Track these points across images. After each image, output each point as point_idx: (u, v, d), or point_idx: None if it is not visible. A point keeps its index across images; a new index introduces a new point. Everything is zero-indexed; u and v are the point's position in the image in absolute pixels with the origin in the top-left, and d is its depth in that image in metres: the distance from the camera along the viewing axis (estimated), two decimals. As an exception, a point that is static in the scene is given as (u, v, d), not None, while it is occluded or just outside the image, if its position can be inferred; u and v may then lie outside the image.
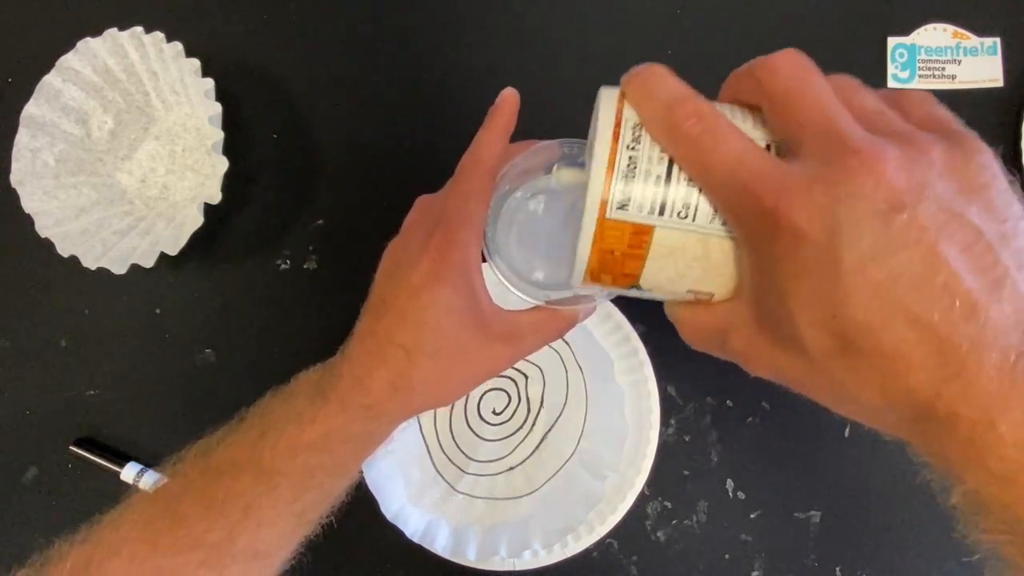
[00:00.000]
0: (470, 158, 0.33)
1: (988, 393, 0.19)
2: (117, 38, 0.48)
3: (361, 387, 0.33)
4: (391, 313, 0.33)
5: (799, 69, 0.23)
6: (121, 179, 0.51)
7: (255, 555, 0.31)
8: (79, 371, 0.50)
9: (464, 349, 0.33)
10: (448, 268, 0.32)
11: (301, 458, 0.32)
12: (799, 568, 0.46)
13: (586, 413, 0.47)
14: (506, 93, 0.34)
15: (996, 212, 0.21)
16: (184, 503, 0.31)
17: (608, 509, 0.44)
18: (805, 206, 0.21)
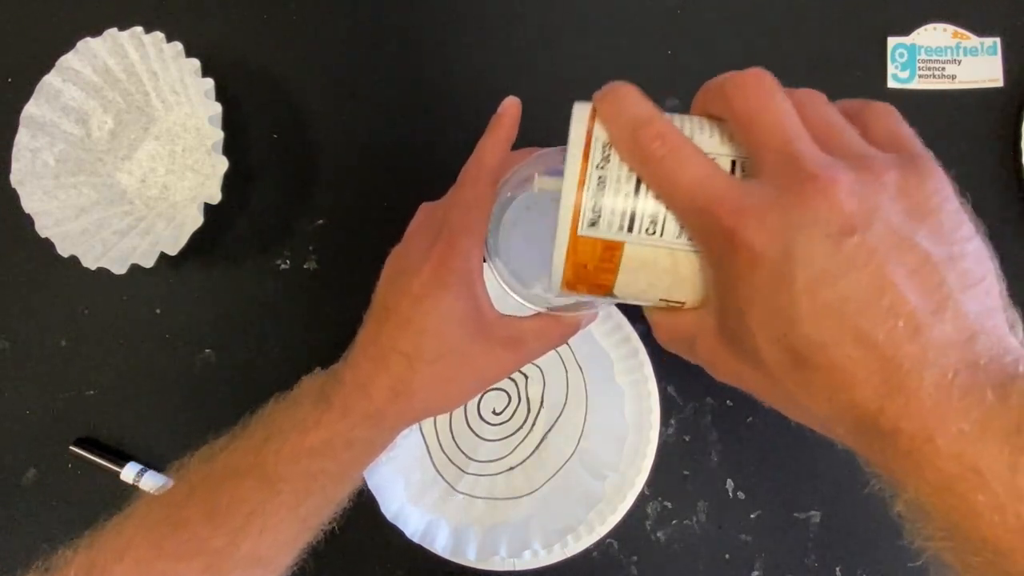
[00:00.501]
0: (472, 166, 0.33)
1: (927, 408, 0.20)
2: (117, 38, 0.48)
3: (363, 393, 0.33)
4: (393, 320, 0.33)
5: (763, 89, 0.24)
6: (121, 179, 0.51)
7: (258, 561, 0.31)
8: (79, 371, 0.50)
9: (466, 355, 0.33)
10: (450, 275, 0.32)
11: (304, 463, 0.32)
12: (799, 568, 0.46)
13: (586, 413, 0.47)
14: (508, 102, 0.34)
15: (945, 235, 0.22)
16: (188, 509, 0.31)
17: (608, 509, 0.44)
18: (761, 229, 0.22)
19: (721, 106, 0.25)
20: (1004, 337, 0.22)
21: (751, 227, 0.22)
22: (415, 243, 0.35)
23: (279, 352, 0.49)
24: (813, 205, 0.21)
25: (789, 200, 0.21)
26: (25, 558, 0.48)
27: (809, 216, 0.21)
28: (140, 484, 0.47)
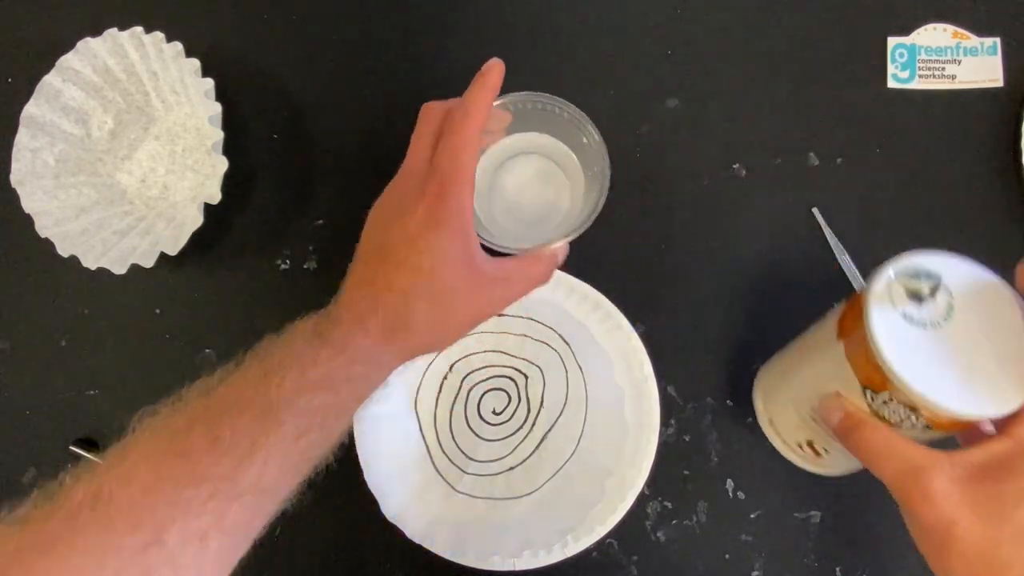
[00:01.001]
0: (459, 113, 0.35)
1: None
2: (117, 38, 0.48)
3: (361, 330, 0.34)
4: (389, 259, 0.34)
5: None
6: (121, 179, 0.51)
7: (262, 491, 0.31)
8: (79, 371, 0.50)
9: (459, 292, 0.35)
10: (444, 215, 0.34)
11: (306, 397, 0.33)
12: (799, 568, 0.46)
13: (586, 413, 0.47)
14: (492, 62, 0.37)
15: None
16: (190, 439, 0.31)
17: (608, 509, 0.44)
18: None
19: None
20: None
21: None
22: (404, 189, 0.36)
23: (279, 352, 0.49)
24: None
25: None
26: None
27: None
28: (140, 484, 0.47)
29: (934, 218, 0.48)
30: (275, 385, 0.32)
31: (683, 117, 0.50)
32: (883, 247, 0.48)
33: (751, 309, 0.48)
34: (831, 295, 0.48)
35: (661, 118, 0.50)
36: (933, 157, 0.49)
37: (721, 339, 0.48)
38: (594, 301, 0.46)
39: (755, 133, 0.49)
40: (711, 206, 0.49)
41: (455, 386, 0.48)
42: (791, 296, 0.48)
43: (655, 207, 0.49)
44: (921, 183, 0.49)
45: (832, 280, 0.48)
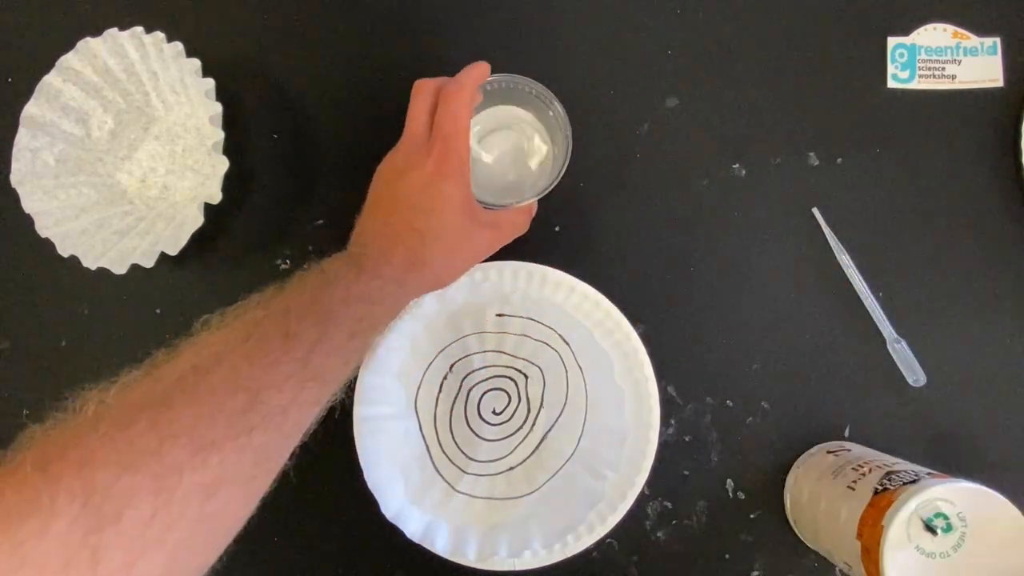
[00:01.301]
0: (454, 86, 0.41)
1: None
2: (117, 38, 0.48)
3: (386, 261, 0.39)
4: (404, 204, 0.41)
5: None
6: (121, 179, 0.51)
7: (323, 379, 0.35)
8: (79, 371, 0.50)
9: (463, 232, 0.42)
10: (449, 168, 0.40)
11: (354, 307, 0.37)
12: (799, 568, 0.46)
13: (586, 413, 0.47)
14: (481, 61, 0.43)
15: None
16: (265, 330, 0.34)
17: (608, 509, 0.44)
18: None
19: None
20: None
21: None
22: (411, 148, 0.42)
23: (279, 352, 0.49)
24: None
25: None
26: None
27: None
28: (140, 484, 0.47)
29: (934, 218, 0.48)
30: (327, 296, 0.36)
31: (683, 117, 0.50)
32: (883, 247, 0.49)
33: (751, 309, 0.48)
34: (831, 295, 0.48)
35: (661, 118, 0.50)
36: (933, 157, 0.49)
37: (721, 339, 0.48)
38: (594, 301, 0.46)
39: (755, 133, 0.49)
40: (711, 206, 0.49)
41: (455, 386, 0.48)
42: (791, 296, 0.48)
43: (655, 207, 0.49)
44: (921, 183, 0.49)
45: (832, 280, 0.48)
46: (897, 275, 0.48)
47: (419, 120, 0.43)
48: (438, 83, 0.43)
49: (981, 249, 0.48)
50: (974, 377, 0.47)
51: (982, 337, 0.47)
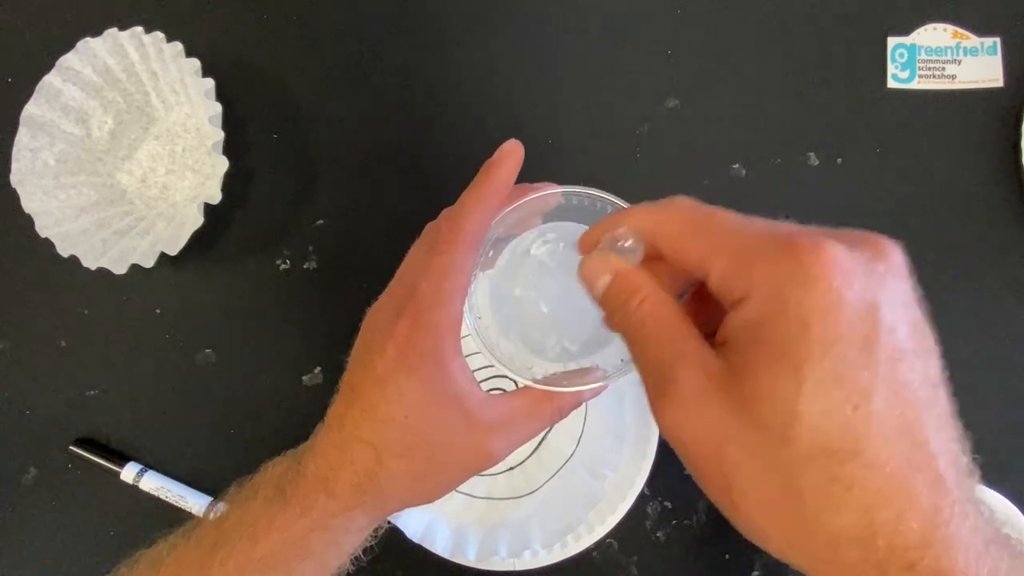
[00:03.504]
0: (449, 226, 0.29)
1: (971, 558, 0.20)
2: (117, 38, 0.48)
3: (325, 488, 0.29)
4: (358, 404, 0.29)
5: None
6: (121, 179, 0.51)
7: None
8: (79, 371, 0.50)
9: (441, 447, 0.29)
10: (416, 357, 0.28)
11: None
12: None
13: (586, 413, 0.47)
14: (506, 147, 0.29)
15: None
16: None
17: (608, 509, 0.44)
18: (851, 275, 0.22)
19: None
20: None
21: (840, 259, 0.21)
22: (387, 304, 0.30)
23: (279, 352, 0.49)
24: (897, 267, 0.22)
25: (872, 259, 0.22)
26: (25, 558, 0.48)
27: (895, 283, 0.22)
28: (140, 484, 0.47)
29: (934, 218, 0.48)
30: (219, 563, 0.29)
31: (683, 117, 0.50)
32: (883, 247, 0.49)
33: (751, 309, 0.48)
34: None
35: (661, 118, 0.50)
36: (933, 157, 0.49)
37: (721, 339, 0.48)
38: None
39: (755, 133, 0.49)
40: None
41: (455, 386, 0.47)
42: (791, 296, 0.48)
43: (655, 207, 0.49)
44: (921, 183, 0.49)
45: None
46: (897, 275, 0.48)
47: (410, 267, 0.31)
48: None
49: (981, 249, 0.48)
50: (974, 377, 0.47)
51: (982, 337, 0.47)
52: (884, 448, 0.20)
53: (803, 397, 0.20)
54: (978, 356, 0.47)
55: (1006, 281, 0.48)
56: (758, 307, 0.22)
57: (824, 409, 0.20)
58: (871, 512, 0.20)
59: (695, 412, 0.22)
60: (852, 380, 0.20)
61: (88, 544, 0.48)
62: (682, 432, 0.23)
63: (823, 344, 0.20)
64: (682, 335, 0.23)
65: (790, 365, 0.20)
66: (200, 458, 0.49)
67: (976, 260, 0.48)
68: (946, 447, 0.21)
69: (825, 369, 0.20)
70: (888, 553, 0.20)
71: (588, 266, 0.25)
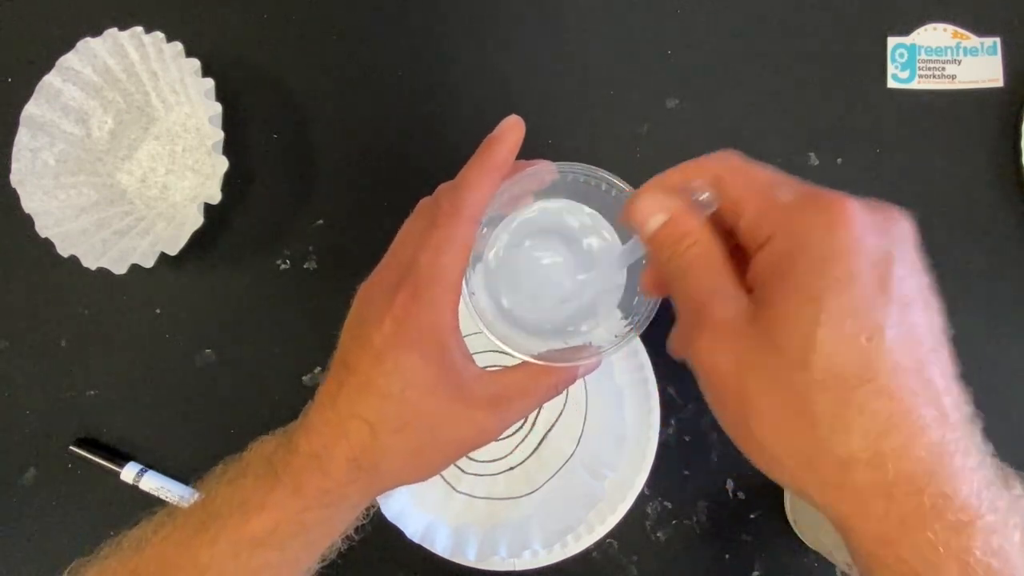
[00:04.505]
0: (449, 201, 0.29)
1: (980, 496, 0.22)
2: (117, 38, 0.48)
3: (319, 466, 0.29)
4: (353, 380, 0.29)
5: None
6: (121, 179, 0.51)
7: None
8: (79, 371, 0.50)
9: (438, 422, 0.29)
10: (415, 331, 0.28)
11: (243, 558, 0.28)
12: (799, 568, 0.46)
13: (586, 413, 0.47)
14: (507, 122, 0.30)
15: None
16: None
17: (608, 509, 0.44)
18: (870, 223, 0.24)
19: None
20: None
21: (860, 214, 0.23)
22: (381, 282, 0.30)
23: (279, 352, 0.49)
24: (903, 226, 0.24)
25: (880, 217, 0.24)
26: (25, 557, 0.48)
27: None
28: (140, 484, 0.47)
29: (934, 218, 0.48)
30: (208, 543, 0.28)
31: (683, 117, 0.50)
32: (883, 247, 0.49)
33: (751, 309, 0.48)
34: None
35: (661, 118, 0.50)
36: (933, 157, 0.49)
37: (721, 339, 0.48)
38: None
39: (755, 133, 0.49)
40: (711, 206, 0.49)
41: (455, 386, 0.47)
42: (791, 296, 0.48)
43: (655, 207, 0.49)
44: (921, 183, 0.49)
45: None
46: (897, 275, 0.48)
47: (405, 240, 0.31)
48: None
49: (981, 249, 0.48)
50: (974, 377, 0.47)
51: (982, 337, 0.47)
52: (894, 378, 0.22)
53: (820, 326, 0.22)
54: (978, 356, 0.47)
55: (1006, 281, 0.48)
56: (784, 246, 0.24)
57: (839, 338, 0.22)
58: (881, 438, 0.22)
59: (723, 341, 0.25)
60: (867, 315, 0.22)
61: (88, 544, 0.48)
62: (711, 359, 0.25)
63: (841, 281, 0.22)
64: (721, 276, 0.25)
65: (810, 296, 0.22)
66: (200, 458, 0.48)
67: (976, 260, 0.48)
68: (950, 391, 0.23)
69: (842, 302, 0.22)
70: (896, 477, 0.22)
71: (641, 205, 0.27)
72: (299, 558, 0.30)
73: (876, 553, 0.23)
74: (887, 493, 0.22)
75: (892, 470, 0.22)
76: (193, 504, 0.30)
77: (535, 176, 0.32)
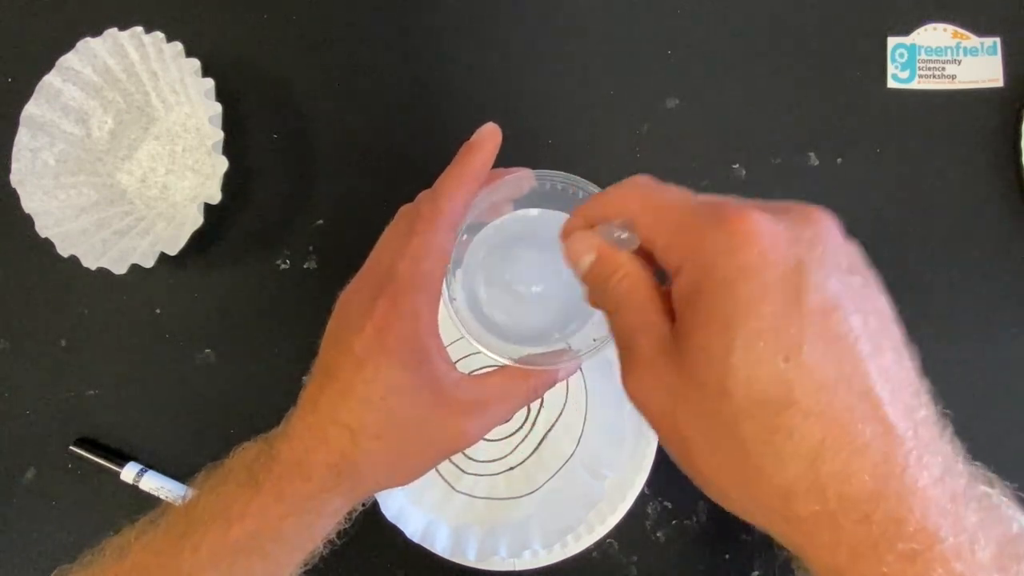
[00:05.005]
0: (427, 208, 0.29)
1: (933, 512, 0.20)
2: (117, 38, 0.48)
3: (300, 472, 0.29)
4: (333, 385, 0.29)
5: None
6: (121, 179, 0.51)
7: None
8: (79, 371, 0.50)
9: (419, 427, 0.29)
10: (395, 337, 0.28)
11: (225, 564, 0.28)
12: (799, 568, 0.46)
13: (586, 413, 0.47)
14: (484, 130, 0.30)
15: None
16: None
17: (608, 509, 0.44)
18: (775, 235, 0.23)
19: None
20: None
21: (764, 226, 0.22)
22: (361, 289, 0.30)
23: (279, 352, 0.49)
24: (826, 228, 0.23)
25: (798, 223, 0.23)
26: (25, 558, 0.48)
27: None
28: (140, 484, 0.47)
29: (934, 218, 0.48)
30: (190, 549, 0.28)
31: (683, 117, 0.50)
32: (883, 247, 0.49)
33: (751, 309, 0.48)
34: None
35: (661, 118, 0.50)
36: (933, 157, 0.49)
37: (721, 339, 0.48)
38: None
39: (755, 133, 0.49)
40: (711, 206, 0.49)
41: (455, 386, 0.47)
42: (791, 296, 0.48)
43: (655, 207, 0.49)
44: (921, 183, 0.49)
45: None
46: (896, 275, 0.48)
47: (385, 246, 0.31)
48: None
49: (981, 249, 0.48)
50: (974, 377, 0.47)
51: (982, 337, 0.47)
52: (820, 396, 0.21)
53: (734, 352, 0.21)
54: (978, 356, 0.47)
55: (1006, 281, 0.48)
56: (691, 274, 0.23)
57: (755, 361, 0.21)
58: (817, 463, 0.21)
59: (649, 377, 0.24)
60: (780, 333, 0.21)
61: (88, 544, 0.48)
62: (641, 396, 0.24)
63: (748, 302, 0.21)
64: (646, 311, 0.25)
65: (719, 323, 0.21)
66: (200, 458, 0.48)
67: (976, 260, 0.48)
68: (897, 398, 0.21)
69: (752, 324, 0.21)
70: (840, 504, 0.20)
71: (573, 246, 0.26)
72: (281, 564, 0.31)
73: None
74: (833, 522, 0.21)
75: (834, 497, 0.20)
76: (175, 511, 0.30)
77: (514, 184, 0.32)
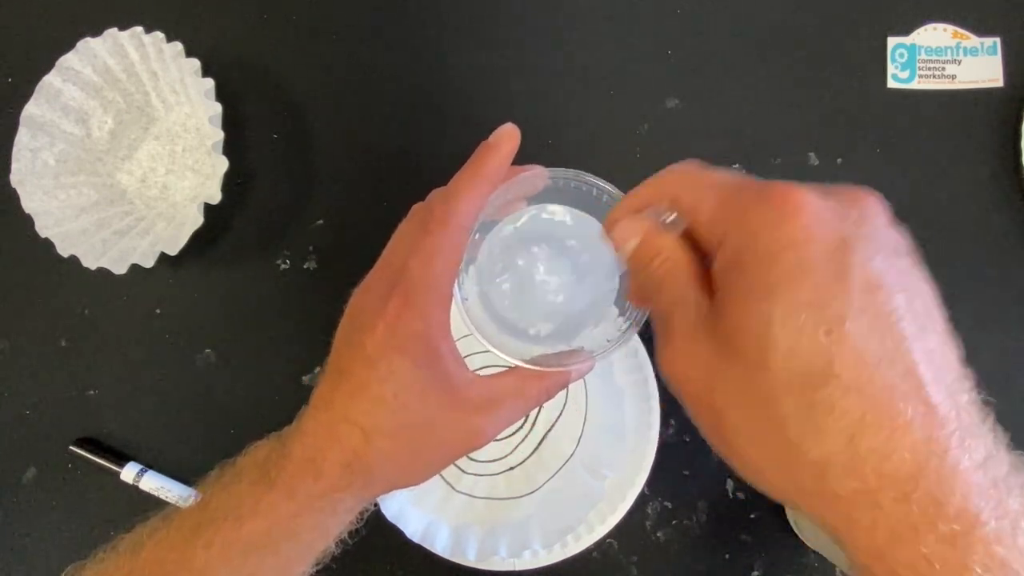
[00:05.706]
0: (441, 208, 0.29)
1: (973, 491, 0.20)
2: (117, 38, 0.48)
3: (312, 470, 0.29)
4: (346, 384, 0.29)
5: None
6: (121, 179, 0.51)
7: None
8: (79, 371, 0.50)
9: (430, 426, 0.29)
10: (407, 336, 0.28)
11: (237, 561, 0.28)
12: (799, 568, 0.46)
13: (586, 413, 0.47)
14: (504, 131, 0.30)
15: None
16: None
17: (608, 509, 0.44)
18: (821, 210, 0.23)
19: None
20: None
21: (810, 201, 0.22)
22: (373, 289, 0.30)
23: (279, 352, 0.49)
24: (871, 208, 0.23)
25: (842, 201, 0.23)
26: (25, 557, 0.48)
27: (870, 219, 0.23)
28: (140, 484, 0.47)
29: (934, 218, 0.48)
30: (203, 545, 0.28)
31: (683, 117, 0.50)
32: (883, 247, 0.49)
33: (751, 309, 0.48)
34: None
35: (661, 118, 0.50)
36: (933, 157, 0.49)
37: (721, 339, 0.48)
38: (594, 301, 0.46)
39: (755, 133, 0.49)
40: (711, 206, 0.49)
41: (455, 386, 0.47)
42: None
43: (655, 207, 0.49)
44: (921, 183, 0.49)
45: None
46: (897, 275, 0.48)
47: (397, 245, 0.31)
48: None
49: (981, 249, 0.48)
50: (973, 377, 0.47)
51: (982, 337, 0.47)
52: (862, 372, 0.20)
53: (774, 323, 0.21)
54: (978, 356, 0.47)
55: (1006, 281, 0.48)
56: (734, 246, 0.23)
57: (796, 334, 0.21)
58: (856, 439, 0.20)
59: (685, 351, 0.24)
60: (823, 307, 0.21)
61: (88, 544, 0.48)
62: (676, 370, 0.24)
63: (792, 274, 0.21)
64: (686, 286, 0.25)
65: (761, 294, 0.21)
66: (200, 458, 0.48)
67: (976, 260, 0.48)
68: (940, 379, 0.21)
69: (795, 296, 0.21)
70: (879, 482, 0.20)
71: (619, 232, 0.27)
72: (293, 562, 0.30)
73: (870, 567, 0.21)
74: (872, 501, 0.20)
75: (872, 474, 0.20)
76: (188, 508, 0.31)
77: (527, 182, 0.32)
